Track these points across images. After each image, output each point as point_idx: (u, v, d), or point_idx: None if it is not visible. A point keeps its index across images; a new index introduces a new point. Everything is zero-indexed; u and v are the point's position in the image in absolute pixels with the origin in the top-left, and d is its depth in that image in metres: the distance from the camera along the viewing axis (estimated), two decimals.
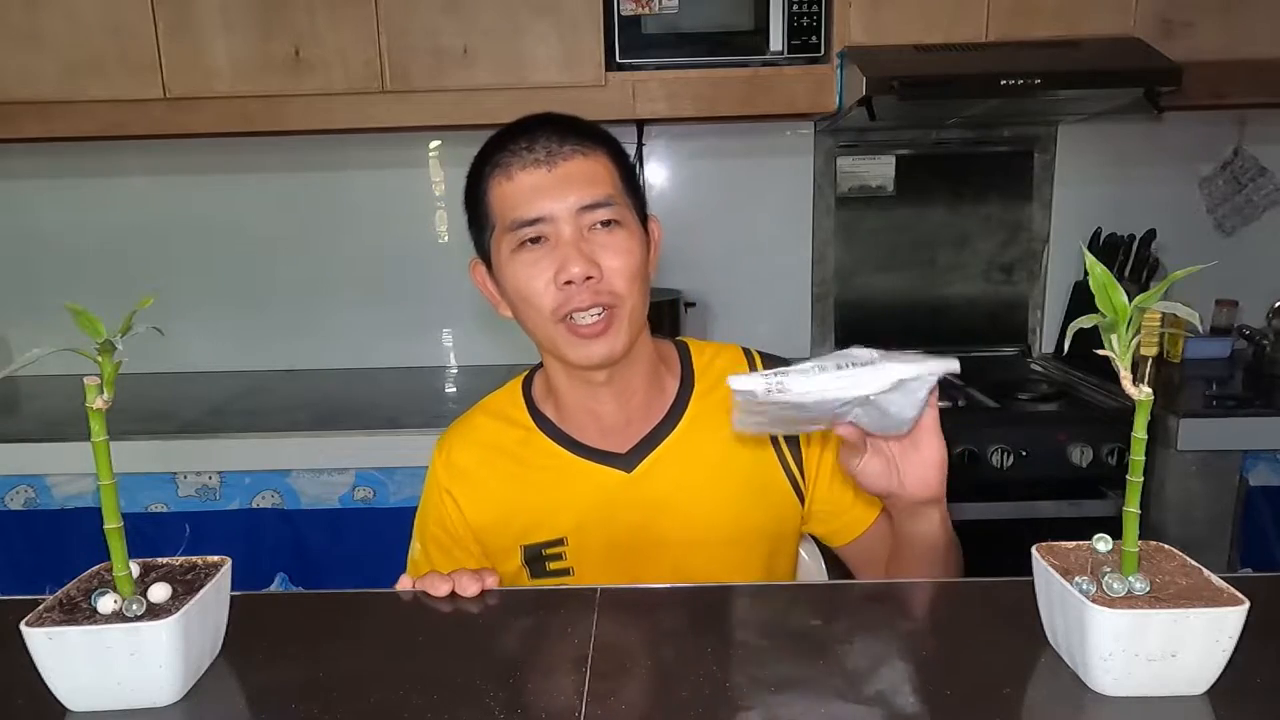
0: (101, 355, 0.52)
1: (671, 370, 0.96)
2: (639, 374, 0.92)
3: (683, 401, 0.94)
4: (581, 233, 0.83)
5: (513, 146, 0.85)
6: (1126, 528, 0.53)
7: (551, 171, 0.83)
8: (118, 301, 0.59)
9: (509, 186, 0.84)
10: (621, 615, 0.65)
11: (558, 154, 0.84)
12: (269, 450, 1.64)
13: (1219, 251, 2.08)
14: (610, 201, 0.84)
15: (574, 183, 0.83)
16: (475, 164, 0.89)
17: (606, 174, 0.85)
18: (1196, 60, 1.69)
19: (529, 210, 0.83)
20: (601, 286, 0.83)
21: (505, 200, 0.85)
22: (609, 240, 0.84)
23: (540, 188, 0.83)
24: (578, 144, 0.85)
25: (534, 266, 0.84)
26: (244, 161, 2.13)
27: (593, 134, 0.87)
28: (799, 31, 1.75)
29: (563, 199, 0.83)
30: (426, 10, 1.74)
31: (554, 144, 0.84)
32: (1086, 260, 0.52)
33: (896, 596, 0.71)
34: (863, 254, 2.18)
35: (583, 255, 0.82)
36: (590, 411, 0.92)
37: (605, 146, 0.87)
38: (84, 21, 1.73)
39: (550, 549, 0.91)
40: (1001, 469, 1.58)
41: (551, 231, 0.83)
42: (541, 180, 0.83)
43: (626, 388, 0.91)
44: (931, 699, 0.52)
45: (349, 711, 0.53)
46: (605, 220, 0.84)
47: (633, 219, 0.87)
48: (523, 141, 0.85)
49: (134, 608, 0.52)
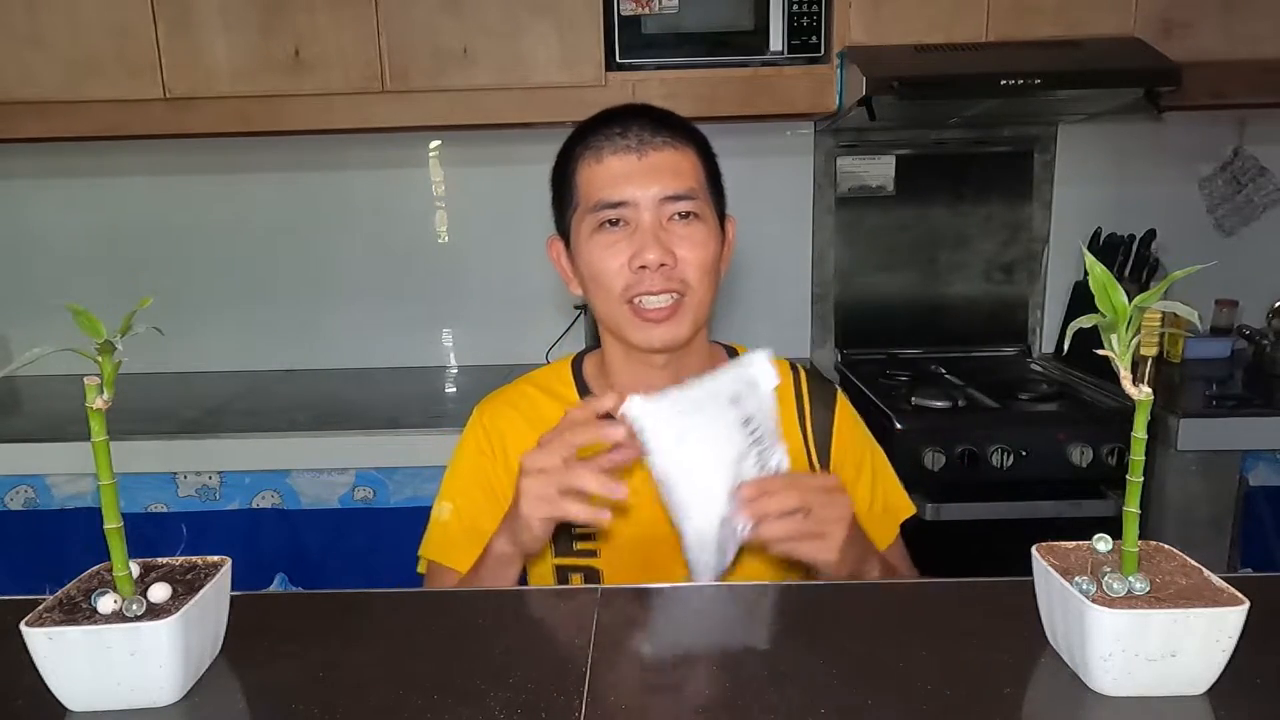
0: (101, 355, 0.52)
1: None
2: (694, 365, 0.94)
3: None
4: (661, 222, 0.86)
5: (606, 131, 0.88)
6: (1126, 528, 0.53)
7: (641, 159, 0.86)
8: (118, 301, 0.59)
9: (598, 169, 0.87)
10: (622, 615, 0.65)
11: (649, 143, 0.86)
12: (269, 450, 1.64)
13: (1219, 251, 2.08)
14: (692, 195, 0.87)
15: (660, 172, 0.86)
16: (567, 144, 0.92)
17: (692, 169, 0.88)
18: (1196, 60, 1.69)
19: (614, 193, 0.86)
20: (674, 274, 0.86)
21: (592, 182, 0.87)
22: (686, 232, 0.87)
23: (627, 173, 0.86)
24: (669, 136, 0.87)
25: (611, 248, 0.87)
26: (244, 161, 2.13)
27: (685, 129, 0.90)
28: (799, 31, 1.75)
29: (647, 186, 0.85)
30: (426, 10, 1.74)
31: (646, 133, 0.87)
32: (1086, 260, 0.52)
33: (897, 596, 0.71)
34: (863, 254, 2.18)
35: (659, 242, 0.85)
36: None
37: (695, 143, 0.90)
38: (84, 21, 1.73)
39: (580, 527, 0.92)
40: (1001, 469, 1.58)
41: (632, 216, 0.86)
42: (630, 166, 0.86)
43: (680, 375, 0.92)
44: (931, 699, 0.52)
45: (349, 711, 0.53)
46: (685, 212, 0.87)
47: (712, 215, 0.90)
48: (616, 127, 0.88)
49: (134, 608, 0.52)
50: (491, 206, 2.16)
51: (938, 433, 1.61)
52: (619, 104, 0.91)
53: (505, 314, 2.21)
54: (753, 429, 0.74)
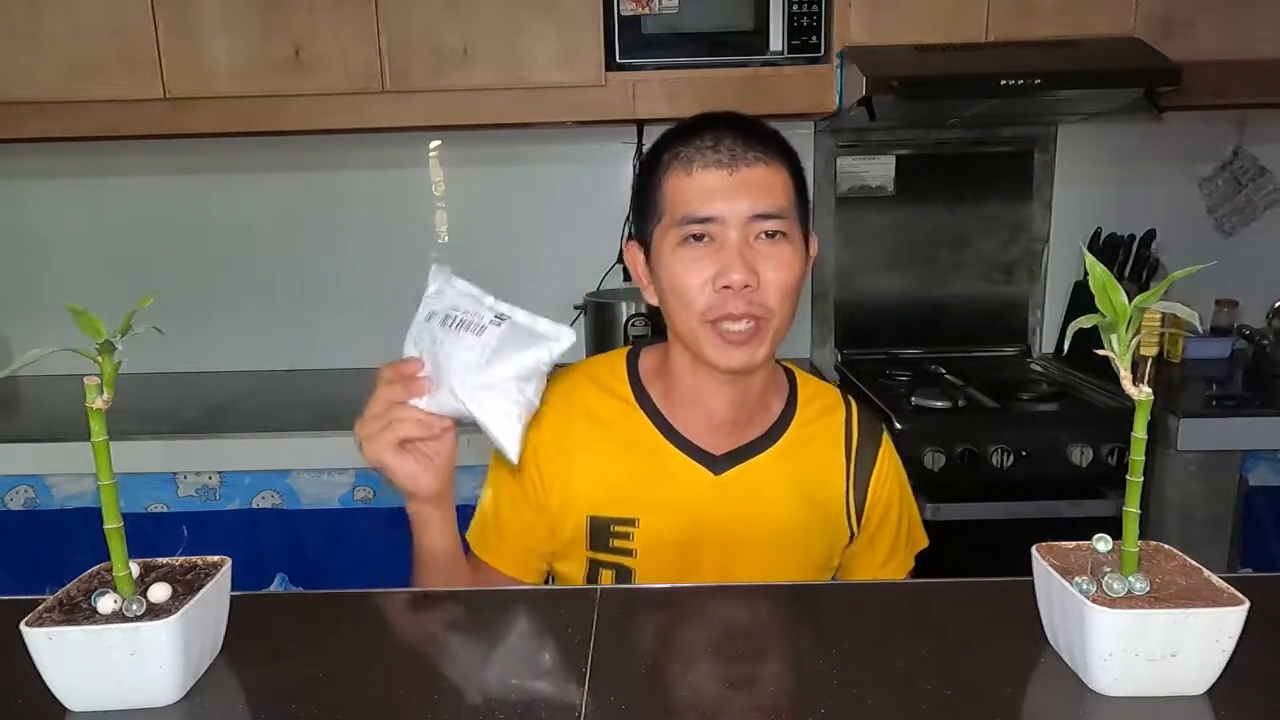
0: (101, 355, 0.52)
1: (780, 392, 0.98)
2: (759, 383, 0.93)
3: (783, 424, 0.96)
4: (747, 240, 0.84)
5: (697, 142, 0.85)
6: (1126, 528, 0.53)
7: (732, 175, 0.84)
8: (118, 302, 0.59)
9: (687, 181, 0.85)
10: (621, 615, 0.65)
11: (741, 158, 0.84)
12: (269, 450, 1.64)
13: (1219, 251, 2.08)
14: (782, 214, 0.85)
15: (751, 189, 0.84)
16: (653, 151, 0.90)
17: (783, 186, 0.86)
18: (1196, 60, 1.69)
19: (702, 208, 0.83)
20: (755, 297, 0.84)
21: (680, 194, 0.85)
22: (773, 251, 0.84)
23: (717, 189, 0.83)
24: (762, 151, 0.85)
25: (694, 264, 0.84)
26: (244, 161, 2.13)
27: (776, 143, 0.88)
28: (799, 31, 1.75)
29: (737, 203, 0.83)
30: (426, 10, 1.74)
31: (739, 148, 0.84)
32: (1086, 260, 0.52)
33: (896, 596, 0.71)
34: (863, 254, 2.18)
35: (745, 263, 0.83)
36: (702, 405, 0.92)
37: (786, 158, 0.88)
38: (84, 21, 1.73)
39: (619, 526, 0.91)
40: (1001, 469, 1.58)
41: (719, 233, 0.84)
42: (720, 181, 0.84)
43: (746, 390, 0.92)
44: (931, 699, 0.52)
45: (349, 711, 0.53)
46: (772, 231, 0.84)
47: (798, 234, 0.88)
48: (708, 139, 0.85)
49: (134, 608, 0.52)
50: (491, 206, 2.16)
51: (938, 433, 1.61)
52: (706, 113, 0.89)
53: None
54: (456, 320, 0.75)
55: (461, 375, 0.71)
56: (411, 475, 0.77)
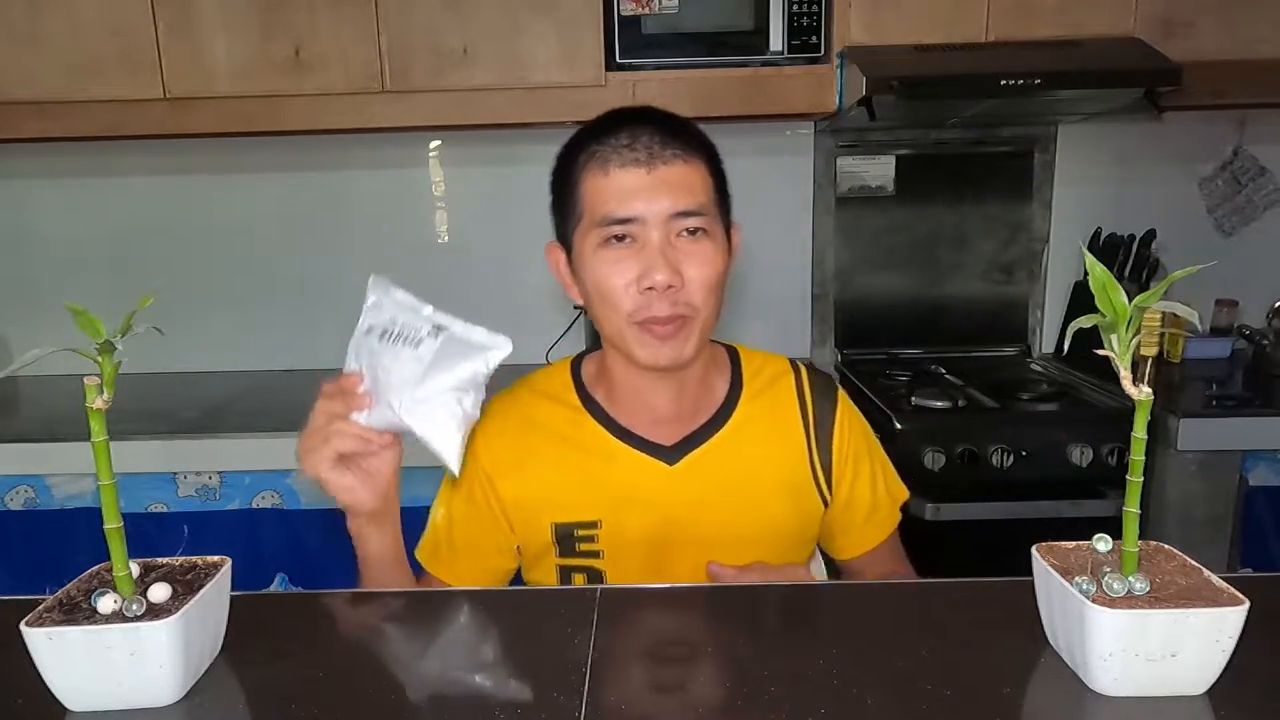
0: (101, 355, 0.52)
1: (722, 373, 0.98)
2: (695, 373, 0.93)
3: (730, 404, 0.95)
4: (669, 238, 0.83)
5: (613, 141, 0.84)
6: (1126, 528, 0.53)
7: (650, 173, 0.83)
8: (118, 301, 0.59)
9: (605, 181, 0.84)
10: (621, 615, 0.65)
11: (658, 156, 0.83)
12: (269, 450, 1.64)
13: (1219, 251, 2.08)
14: (702, 211, 0.84)
15: (670, 188, 0.83)
16: (568, 150, 0.88)
17: (702, 182, 0.85)
18: (1196, 60, 1.69)
19: (621, 209, 0.83)
20: (680, 296, 0.83)
21: (598, 195, 0.84)
22: (695, 249, 0.84)
23: (636, 188, 0.83)
24: (680, 148, 0.84)
25: (617, 265, 0.84)
26: (244, 161, 2.13)
27: (694, 138, 0.87)
28: (799, 31, 1.75)
29: (657, 202, 0.82)
30: (426, 10, 1.74)
31: (656, 145, 0.83)
32: (1086, 260, 0.52)
33: (896, 596, 0.71)
34: (863, 254, 2.18)
35: (668, 263, 0.82)
36: (644, 402, 0.93)
37: (704, 153, 0.87)
38: (84, 21, 1.73)
39: (583, 529, 0.92)
40: (1001, 469, 1.58)
41: (640, 232, 0.83)
42: (639, 181, 0.83)
43: (683, 385, 0.92)
44: (931, 699, 0.52)
45: (349, 711, 0.53)
46: (693, 229, 0.84)
47: (719, 229, 0.87)
48: (624, 137, 0.84)
49: (134, 608, 0.52)
50: (491, 206, 2.16)
51: (938, 433, 1.61)
52: (623, 106, 0.88)
53: (505, 314, 2.20)
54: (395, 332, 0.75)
55: (399, 390, 0.71)
56: (348, 489, 0.78)
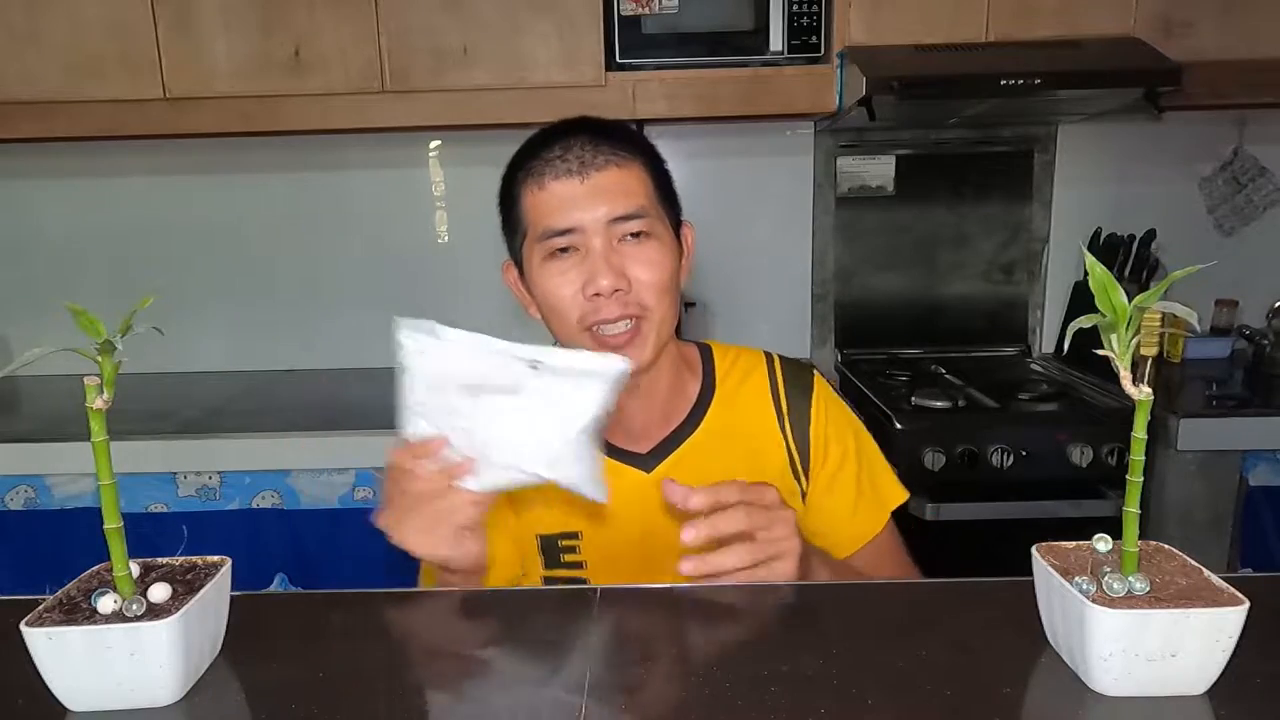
0: (101, 355, 0.52)
1: (694, 372, 0.97)
2: (663, 377, 0.92)
3: (704, 405, 0.94)
4: (611, 244, 0.83)
5: (546, 154, 0.84)
6: (1126, 528, 0.53)
7: (584, 182, 0.82)
8: (118, 301, 0.59)
9: (541, 195, 0.84)
10: (621, 615, 0.65)
11: (590, 164, 0.83)
12: (269, 450, 1.64)
13: (1219, 251, 2.08)
14: (642, 213, 0.84)
15: (606, 194, 0.82)
16: (509, 169, 0.89)
17: (640, 185, 0.85)
18: (1196, 60, 1.69)
19: (559, 220, 0.82)
20: (630, 298, 0.83)
21: (537, 209, 0.84)
22: (638, 253, 0.84)
23: (571, 198, 0.82)
24: (612, 153, 0.84)
25: (562, 276, 0.84)
26: (244, 161, 2.13)
27: (628, 141, 0.86)
28: (799, 31, 1.75)
29: (593, 210, 0.82)
30: (426, 10, 1.74)
31: (587, 153, 0.83)
32: (1086, 260, 0.52)
33: (896, 596, 0.71)
34: (863, 254, 2.18)
35: (611, 268, 0.82)
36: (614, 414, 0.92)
37: (641, 155, 0.86)
38: (84, 21, 1.73)
39: (565, 541, 0.91)
40: (1001, 469, 1.58)
41: (581, 242, 0.83)
42: (573, 190, 0.82)
43: (651, 391, 0.91)
44: (931, 699, 0.52)
45: (349, 711, 0.53)
46: (636, 232, 0.83)
47: (665, 230, 0.87)
48: (556, 149, 0.84)
49: (134, 608, 0.52)
50: (491, 206, 2.13)
51: (938, 433, 1.61)
52: (557, 121, 0.88)
53: (504, 314, 2.21)
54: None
55: (517, 449, 0.64)
56: (474, 556, 0.73)
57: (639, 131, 0.88)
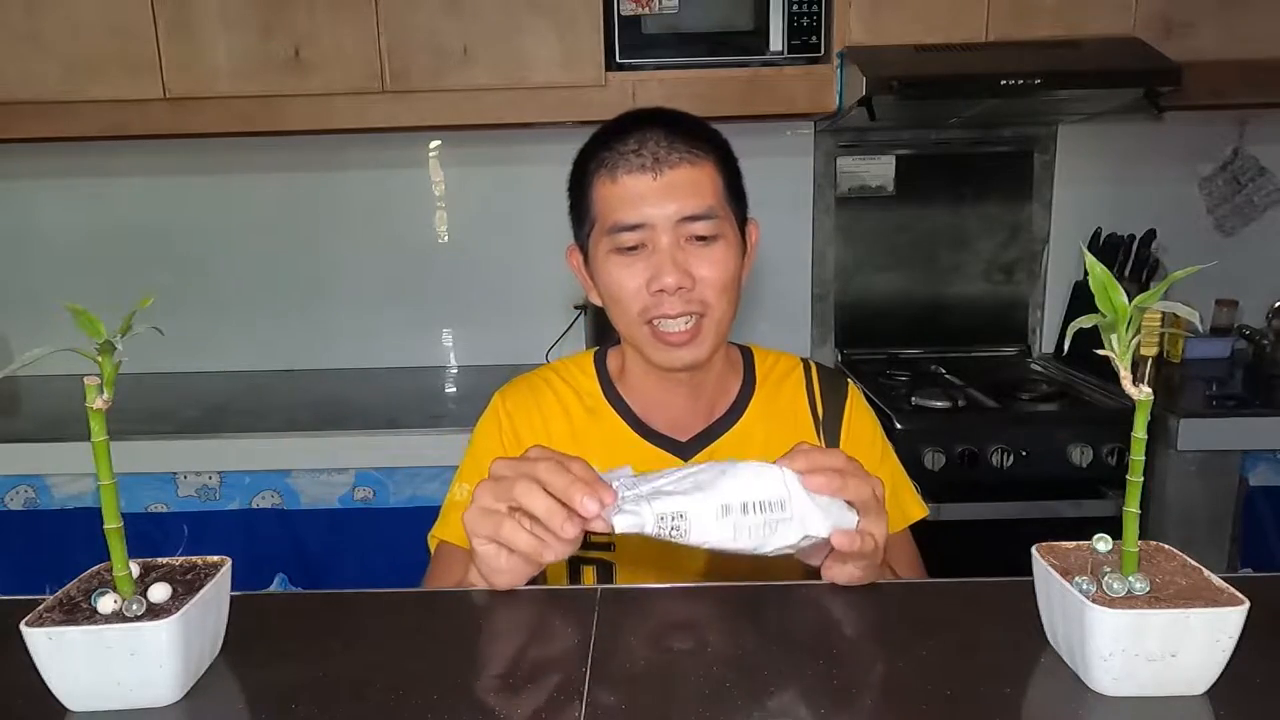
0: (101, 355, 0.52)
1: (735, 371, 0.99)
2: (712, 374, 0.94)
3: (744, 401, 0.97)
4: (679, 241, 0.84)
5: (620, 147, 0.85)
6: (1126, 528, 0.53)
7: (657, 179, 0.83)
8: (118, 301, 0.59)
9: (613, 188, 0.84)
10: (622, 615, 0.65)
11: (665, 161, 0.83)
12: (269, 450, 1.64)
13: (1219, 251, 2.08)
14: (711, 214, 0.84)
15: (677, 192, 0.83)
16: (582, 156, 0.89)
17: (711, 184, 0.85)
18: (1196, 60, 1.69)
19: (629, 215, 0.83)
20: (692, 295, 0.84)
21: (607, 201, 0.85)
22: (705, 252, 0.85)
23: (643, 194, 0.83)
24: (686, 150, 0.84)
25: (628, 269, 0.85)
26: (244, 161, 2.13)
27: (703, 138, 0.86)
28: (799, 31, 1.75)
29: (664, 207, 0.83)
30: (426, 10, 1.74)
31: (662, 149, 0.84)
32: (1086, 260, 0.52)
33: (896, 596, 0.71)
34: (863, 254, 2.18)
35: (677, 265, 0.83)
36: (660, 400, 0.94)
37: (714, 152, 0.87)
38: (84, 22, 1.73)
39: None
40: (1001, 469, 1.58)
41: (649, 237, 0.84)
42: (646, 187, 0.83)
43: (700, 384, 0.93)
44: (931, 699, 0.52)
45: (349, 711, 0.53)
46: (703, 234, 0.84)
47: (731, 229, 0.88)
48: (631, 142, 0.84)
49: (134, 608, 0.52)
50: (491, 206, 2.16)
51: (938, 433, 1.61)
52: (635, 109, 0.88)
53: (505, 314, 2.21)
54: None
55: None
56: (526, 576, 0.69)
57: (712, 127, 0.88)
